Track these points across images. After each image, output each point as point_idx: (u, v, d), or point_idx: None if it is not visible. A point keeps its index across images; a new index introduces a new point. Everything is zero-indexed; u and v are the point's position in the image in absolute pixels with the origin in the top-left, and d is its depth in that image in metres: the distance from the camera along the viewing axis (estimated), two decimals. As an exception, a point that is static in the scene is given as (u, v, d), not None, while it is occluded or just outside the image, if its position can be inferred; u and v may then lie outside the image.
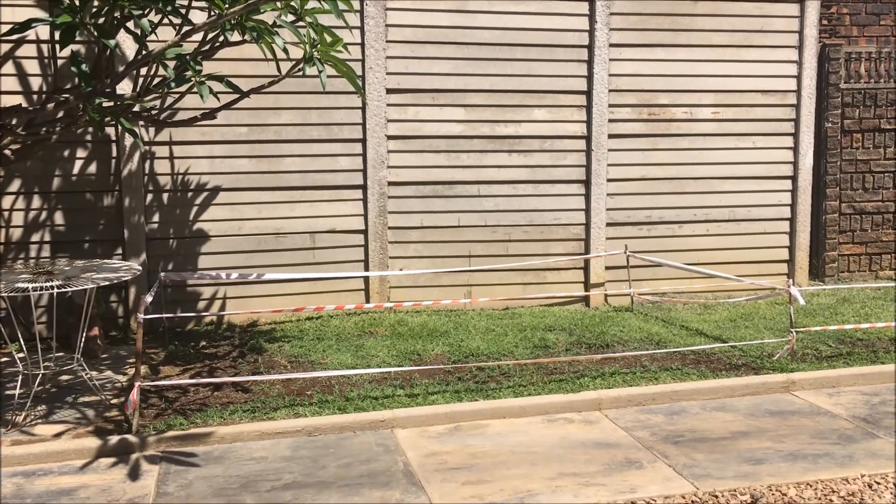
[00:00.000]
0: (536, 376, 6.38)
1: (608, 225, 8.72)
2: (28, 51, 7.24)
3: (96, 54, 5.99)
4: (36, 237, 7.42)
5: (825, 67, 9.28)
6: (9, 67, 7.19)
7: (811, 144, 9.09)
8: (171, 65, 5.49)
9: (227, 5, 4.95)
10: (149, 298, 5.77)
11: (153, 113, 6.77)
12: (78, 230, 7.50)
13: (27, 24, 4.91)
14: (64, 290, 5.48)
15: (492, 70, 8.33)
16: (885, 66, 9.48)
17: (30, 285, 5.44)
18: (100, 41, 5.28)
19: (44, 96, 7.17)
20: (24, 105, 7.09)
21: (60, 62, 7.23)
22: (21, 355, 6.10)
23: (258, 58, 7.23)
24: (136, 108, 6.67)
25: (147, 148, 7.59)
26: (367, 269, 8.19)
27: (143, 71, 6.46)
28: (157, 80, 5.93)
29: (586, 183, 8.63)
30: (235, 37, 5.59)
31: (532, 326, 7.65)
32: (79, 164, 7.47)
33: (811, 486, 4.67)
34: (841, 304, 8.50)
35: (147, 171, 7.62)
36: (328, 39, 5.68)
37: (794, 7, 8.88)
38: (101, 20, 5.08)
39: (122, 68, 5.65)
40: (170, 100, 6.78)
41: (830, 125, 9.36)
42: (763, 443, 5.32)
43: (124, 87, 7.06)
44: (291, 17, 5.69)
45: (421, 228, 8.35)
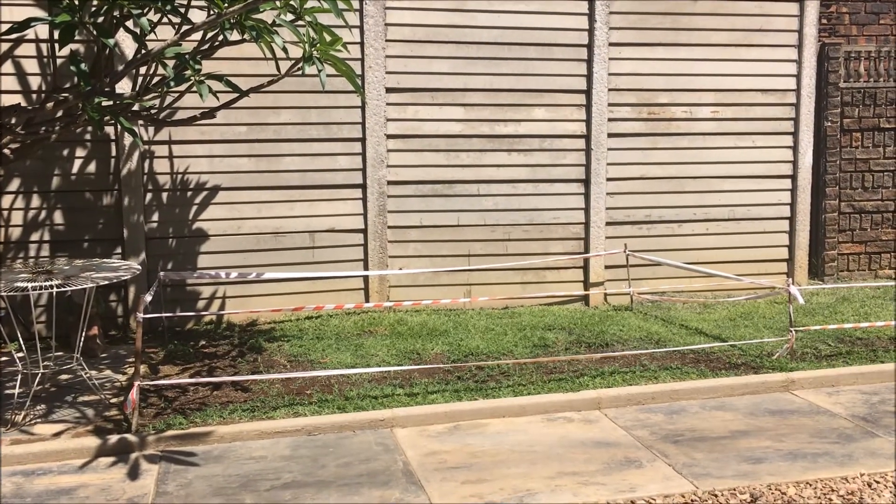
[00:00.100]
0: (536, 375, 6.38)
1: (608, 224, 8.72)
2: (27, 50, 7.23)
3: (95, 53, 5.99)
4: (35, 236, 7.42)
5: (824, 66, 9.28)
6: (8, 66, 7.19)
7: (811, 143, 9.10)
8: (171, 64, 5.48)
9: (226, 4, 4.94)
10: (148, 298, 5.77)
11: (152, 112, 6.77)
12: (77, 229, 7.50)
13: (26, 24, 4.90)
14: (63, 289, 5.48)
15: (491, 69, 8.33)
16: (884, 65, 9.48)
17: (29, 284, 5.43)
18: (99, 40, 5.28)
19: (43, 95, 7.17)
20: (24, 104, 7.09)
21: (60, 61, 7.23)
22: (20, 354, 6.10)
23: (257, 57, 7.23)
24: (136, 108, 6.67)
25: (146, 147, 7.59)
26: (366, 268, 8.18)
27: (143, 70, 6.46)
28: (157, 79, 5.93)
29: (586, 182, 8.63)
30: (235, 36, 5.58)
31: (531, 325, 7.66)
32: (78, 164, 7.47)
33: (811, 485, 4.67)
34: (840, 303, 8.50)
35: (146, 171, 7.62)
36: (327, 38, 5.67)
37: (794, 6, 8.88)
38: (101, 19, 5.07)
39: (121, 67, 5.64)
40: (169, 99, 6.78)
41: (830, 124, 9.36)
42: (762, 442, 5.32)
43: (123, 87, 7.06)
44: (291, 16, 5.68)
45: (420, 228, 8.35)
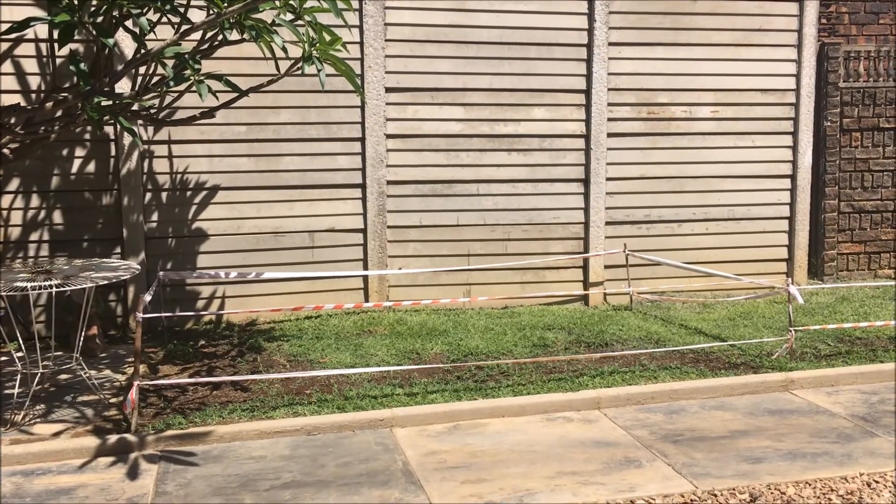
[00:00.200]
0: (535, 375, 6.38)
1: (607, 224, 8.72)
2: (27, 49, 7.23)
3: (95, 53, 5.98)
4: (35, 236, 7.41)
5: (824, 66, 9.28)
6: (7, 66, 7.19)
7: (810, 143, 9.10)
8: (170, 63, 5.48)
9: (225, 4, 4.94)
10: (148, 297, 5.77)
11: (152, 112, 6.76)
12: (77, 229, 7.50)
13: (26, 23, 4.90)
14: (63, 289, 5.47)
15: (491, 69, 8.32)
16: (883, 65, 9.48)
17: (28, 284, 5.43)
18: (98, 40, 5.27)
19: (42, 95, 7.16)
20: (23, 104, 7.09)
21: (59, 61, 7.22)
22: (20, 354, 6.09)
23: (257, 57, 7.23)
24: (135, 107, 6.67)
25: (146, 147, 7.59)
26: (366, 268, 8.18)
27: (142, 70, 6.45)
28: (156, 78, 5.92)
29: (585, 182, 8.63)
30: (234, 35, 5.58)
31: (531, 325, 7.65)
32: (77, 163, 7.46)
33: (810, 485, 4.67)
34: (840, 302, 8.50)
35: (146, 170, 7.62)
36: (327, 38, 5.67)
37: (794, 6, 8.88)
38: (100, 19, 5.07)
39: (120, 67, 5.64)
40: (168, 98, 6.78)
41: (829, 124, 9.36)
42: (762, 441, 5.32)
43: (123, 86, 7.06)
44: (290, 16, 5.68)
45: (420, 227, 8.35)
